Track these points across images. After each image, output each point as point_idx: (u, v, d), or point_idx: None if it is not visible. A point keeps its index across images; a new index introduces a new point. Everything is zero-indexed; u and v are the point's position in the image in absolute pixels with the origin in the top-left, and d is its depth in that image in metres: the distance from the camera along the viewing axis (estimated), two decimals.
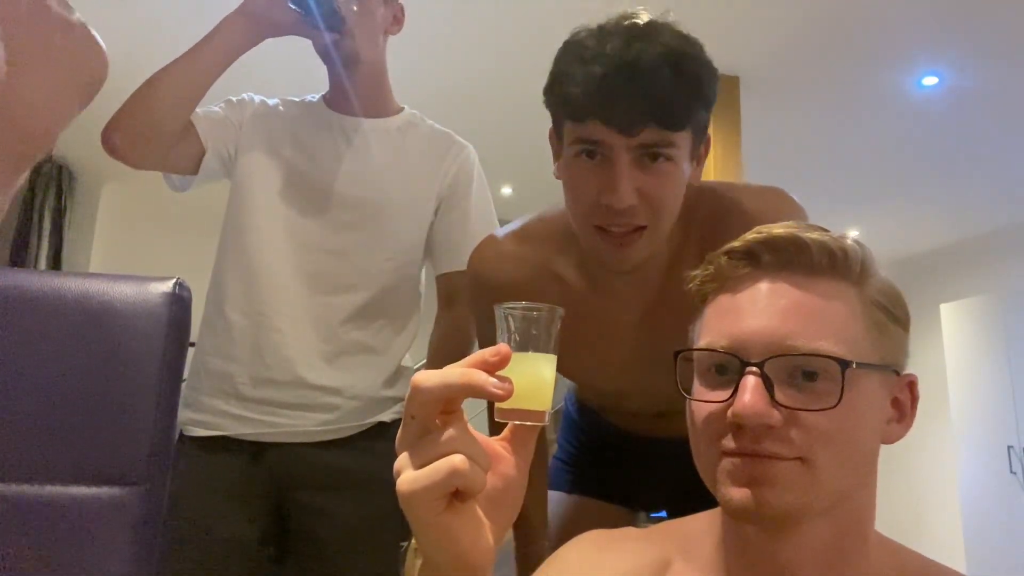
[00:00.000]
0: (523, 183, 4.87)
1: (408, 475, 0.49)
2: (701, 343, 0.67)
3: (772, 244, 0.65)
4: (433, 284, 1.47)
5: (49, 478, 0.65)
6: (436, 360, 1.41)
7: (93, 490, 0.66)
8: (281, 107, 1.45)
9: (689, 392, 0.67)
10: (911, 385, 0.68)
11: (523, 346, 0.54)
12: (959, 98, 3.87)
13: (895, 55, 3.55)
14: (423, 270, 1.46)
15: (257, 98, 1.44)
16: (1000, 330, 5.07)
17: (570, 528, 0.93)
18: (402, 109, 1.48)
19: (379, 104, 1.44)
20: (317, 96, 1.47)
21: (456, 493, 0.49)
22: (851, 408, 0.61)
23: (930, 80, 3.73)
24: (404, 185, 1.39)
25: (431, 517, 0.49)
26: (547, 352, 0.55)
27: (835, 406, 0.60)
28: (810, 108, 4.07)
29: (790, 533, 0.64)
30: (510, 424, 0.56)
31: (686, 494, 0.68)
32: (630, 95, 0.80)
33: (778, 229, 0.66)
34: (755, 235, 0.66)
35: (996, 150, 4.45)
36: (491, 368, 0.50)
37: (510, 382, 0.50)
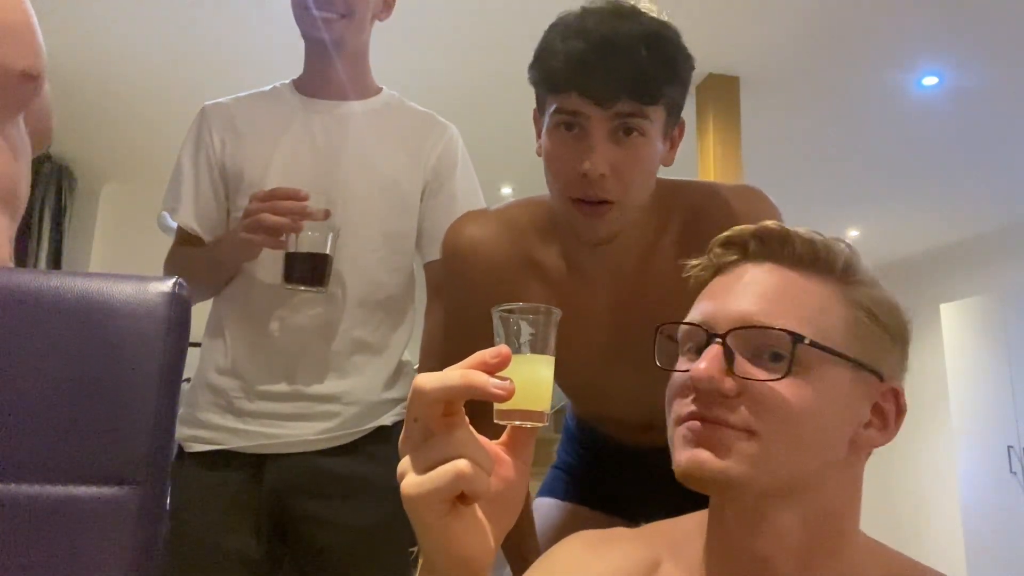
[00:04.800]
0: (523, 183, 4.87)
1: (412, 479, 0.49)
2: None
3: (760, 234, 0.69)
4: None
5: (48, 478, 0.65)
6: (430, 354, 1.37)
7: (92, 490, 0.66)
8: (249, 101, 1.40)
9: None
10: (896, 395, 0.68)
11: (520, 348, 0.54)
12: (959, 98, 3.87)
13: (895, 55, 3.55)
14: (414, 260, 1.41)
15: (216, 117, 1.37)
16: (1000, 330, 5.07)
17: (564, 535, 0.93)
18: (381, 89, 1.43)
19: (360, 86, 1.40)
20: (284, 82, 1.42)
21: (460, 497, 0.49)
22: (809, 390, 0.62)
23: (930, 80, 3.73)
24: (384, 169, 1.34)
25: (435, 521, 0.49)
26: (544, 353, 0.55)
27: (782, 377, 0.62)
28: (810, 108, 4.07)
29: (760, 522, 0.65)
30: (509, 427, 0.56)
31: (684, 506, 0.68)
32: (607, 68, 0.85)
33: (769, 223, 0.70)
34: (746, 227, 0.71)
35: (996, 150, 4.45)
36: (491, 369, 0.49)
37: (511, 382, 0.49)
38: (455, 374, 0.49)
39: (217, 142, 1.35)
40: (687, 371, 0.65)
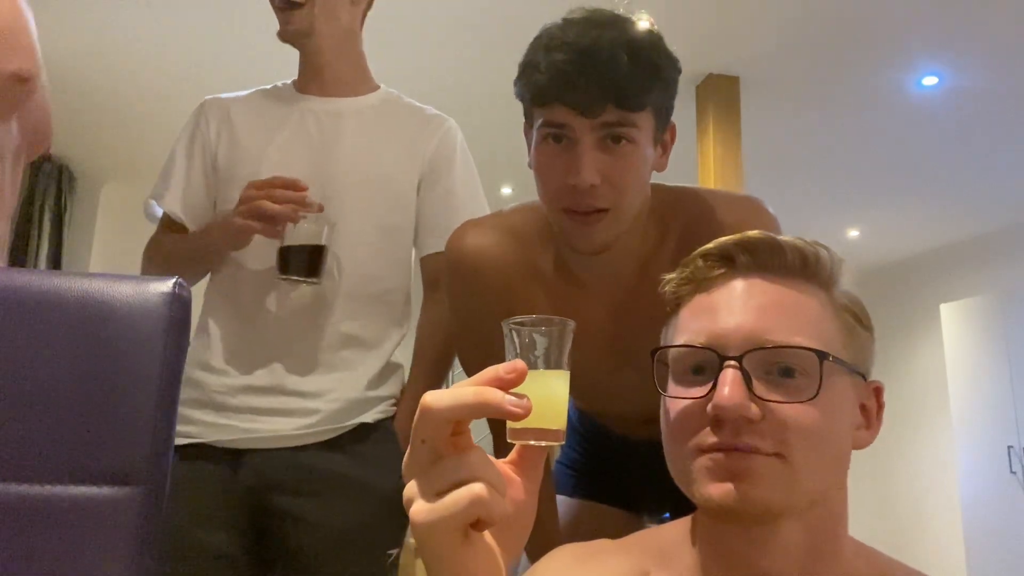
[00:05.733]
0: (523, 183, 4.86)
1: (423, 506, 0.46)
2: (677, 343, 0.67)
3: (747, 245, 0.67)
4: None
5: (48, 478, 0.65)
6: (426, 349, 1.36)
7: (92, 490, 0.66)
8: (247, 98, 1.41)
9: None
10: (877, 392, 0.69)
11: (534, 362, 0.51)
12: (959, 98, 3.87)
13: (895, 55, 3.55)
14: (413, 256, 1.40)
15: (214, 110, 1.38)
16: (1000, 330, 5.07)
17: (573, 532, 0.93)
18: (379, 87, 1.43)
19: (352, 82, 1.39)
20: (286, 81, 1.43)
21: (474, 523, 0.46)
22: (827, 405, 0.62)
23: (930, 80, 3.73)
24: (379, 164, 1.33)
25: (447, 550, 0.46)
26: (559, 368, 0.52)
27: (814, 397, 0.60)
28: (810, 108, 4.07)
29: (768, 537, 0.63)
30: (517, 446, 0.53)
31: (687, 498, 0.68)
32: (589, 78, 0.85)
33: (753, 233, 0.68)
34: (730, 238, 0.68)
35: (996, 150, 4.45)
36: (506, 385, 0.46)
37: (527, 400, 0.46)
38: (468, 391, 0.46)
39: (213, 134, 1.36)
40: (701, 399, 0.62)
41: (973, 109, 3.98)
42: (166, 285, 0.72)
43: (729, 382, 0.60)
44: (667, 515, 1.31)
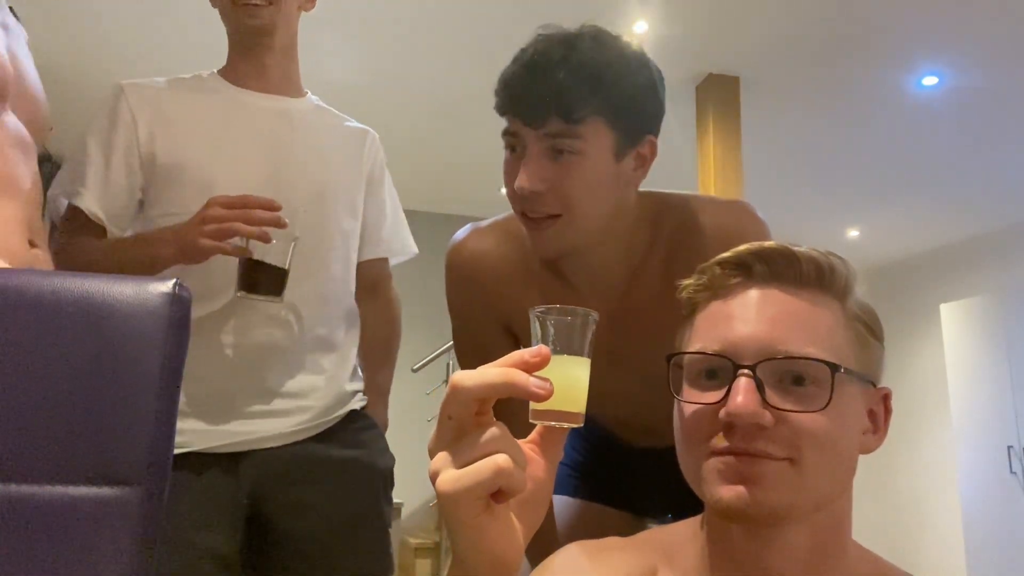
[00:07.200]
0: None
1: (450, 474, 0.48)
2: (692, 348, 0.69)
3: (764, 255, 0.69)
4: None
5: (48, 478, 0.65)
6: (377, 348, 1.40)
7: (92, 490, 0.66)
8: (175, 87, 1.36)
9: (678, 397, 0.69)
10: (885, 398, 0.71)
11: (556, 349, 0.54)
12: (959, 98, 3.87)
13: (895, 55, 3.55)
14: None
15: (137, 99, 1.28)
16: (1000, 330, 5.07)
17: (576, 533, 0.94)
18: (307, 93, 1.43)
19: (294, 83, 1.40)
20: (205, 73, 1.39)
21: (495, 495, 0.49)
22: (837, 413, 0.63)
23: (930, 80, 3.73)
24: (332, 169, 1.35)
25: (470, 518, 0.48)
26: (581, 355, 0.55)
27: (825, 407, 0.62)
28: (810, 108, 4.07)
29: (774, 538, 0.65)
30: (539, 426, 0.56)
31: (692, 500, 0.69)
32: (531, 90, 0.90)
33: (769, 243, 0.70)
34: (748, 247, 0.70)
35: (996, 150, 4.45)
36: (530, 368, 0.49)
37: (549, 382, 0.49)
38: (495, 371, 0.48)
39: (143, 128, 1.25)
40: (715, 404, 0.64)
41: (973, 109, 3.98)
42: (166, 285, 0.72)
43: (743, 390, 0.62)
44: (669, 516, 1.32)
